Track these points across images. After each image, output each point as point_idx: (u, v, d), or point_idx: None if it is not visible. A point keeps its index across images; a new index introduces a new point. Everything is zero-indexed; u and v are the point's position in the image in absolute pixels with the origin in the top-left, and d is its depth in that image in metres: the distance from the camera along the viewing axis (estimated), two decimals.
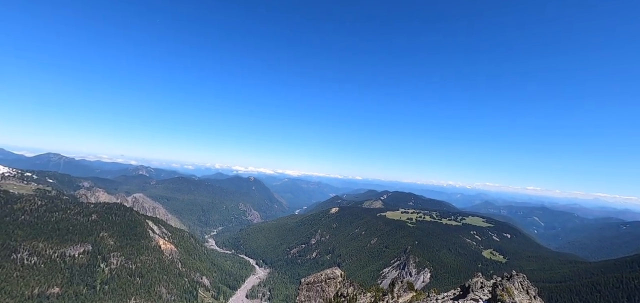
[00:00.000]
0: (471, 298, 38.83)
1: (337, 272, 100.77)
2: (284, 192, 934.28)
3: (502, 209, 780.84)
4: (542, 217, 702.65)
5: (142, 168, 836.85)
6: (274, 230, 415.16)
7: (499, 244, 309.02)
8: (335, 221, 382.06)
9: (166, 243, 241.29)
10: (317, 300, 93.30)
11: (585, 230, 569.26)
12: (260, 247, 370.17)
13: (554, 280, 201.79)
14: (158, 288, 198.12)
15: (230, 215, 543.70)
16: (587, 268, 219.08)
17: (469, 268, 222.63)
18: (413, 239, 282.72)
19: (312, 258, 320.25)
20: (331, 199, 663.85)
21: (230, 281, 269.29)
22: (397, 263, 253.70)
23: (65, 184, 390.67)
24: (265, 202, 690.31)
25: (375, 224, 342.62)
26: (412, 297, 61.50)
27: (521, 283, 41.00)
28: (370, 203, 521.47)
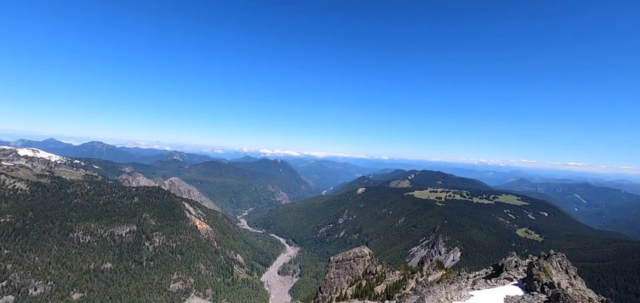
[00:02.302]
0: (505, 277, 38.45)
1: (366, 250, 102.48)
2: (311, 174, 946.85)
3: (539, 187, 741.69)
4: (584, 195, 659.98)
5: (176, 154, 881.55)
6: (302, 210, 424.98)
7: (534, 223, 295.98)
8: (362, 201, 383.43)
9: (202, 224, 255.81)
10: (346, 277, 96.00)
11: (633, 207, 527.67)
12: (290, 226, 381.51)
13: (596, 260, 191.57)
14: (197, 264, 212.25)
15: (260, 196, 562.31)
16: (634, 248, 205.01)
17: (502, 247, 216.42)
18: (442, 218, 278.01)
19: (340, 237, 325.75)
20: (357, 180, 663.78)
21: (262, 259, 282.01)
22: (425, 242, 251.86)
23: (109, 170, 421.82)
24: (292, 184, 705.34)
25: (402, 204, 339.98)
26: (442, 275, 61.69)
27: (560, 263, 39.85)
28: (397, 183, 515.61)
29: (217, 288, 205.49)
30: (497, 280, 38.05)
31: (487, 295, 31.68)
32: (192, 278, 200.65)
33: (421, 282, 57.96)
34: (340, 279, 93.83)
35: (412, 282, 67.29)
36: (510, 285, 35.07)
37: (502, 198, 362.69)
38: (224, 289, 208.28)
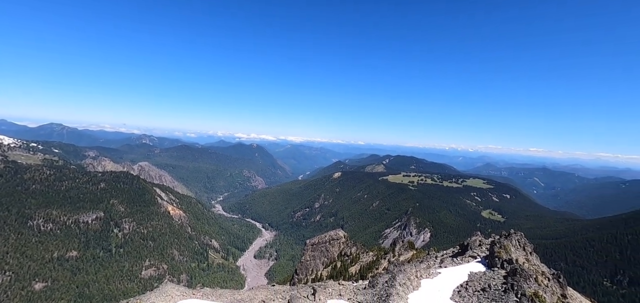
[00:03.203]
0: (470, 255, 41.17)
1: (341, 233, 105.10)
2: (287, 158, 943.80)
3: (503, 171, 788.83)
4: (543, 178, 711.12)
5: (145, 137, 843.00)
6: (279, 195, 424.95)
7: (498, 204, 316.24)
8: (338, 185, 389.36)
9: (175, 209, 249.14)
10: (321, 260, 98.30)
11: (585, 189, 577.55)
12: (266, 211, 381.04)
13: (549, 237, 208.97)
14: (170, 250, 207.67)
15: (235, 181, 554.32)
16: (583, 226, 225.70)
17: (468, 228, 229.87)
18: (414, 201, 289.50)
19: (316, 221, 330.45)
20: (334, 164, 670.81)
21: (238, 243, 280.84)
22: (398, 225, 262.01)
23: (71, 154, 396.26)
24: (268, 168, 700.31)
25: (377, 188, 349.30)
26: (413, 255, 64.84)
27: (518, 241, 43.20)
28: (373, 167, 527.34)
29: (191, 274, 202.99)
30: (462, 258, 40.69)
31: (453, 272, 33.90)
32: (165, 264, 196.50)
33: (393, 262, 60.65)
34: (316, 261, 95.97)
35: (384, 262, 70.23)
36: (474, 263, 37.68)
37: (469, 182, 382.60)
38: (199, 274, 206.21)
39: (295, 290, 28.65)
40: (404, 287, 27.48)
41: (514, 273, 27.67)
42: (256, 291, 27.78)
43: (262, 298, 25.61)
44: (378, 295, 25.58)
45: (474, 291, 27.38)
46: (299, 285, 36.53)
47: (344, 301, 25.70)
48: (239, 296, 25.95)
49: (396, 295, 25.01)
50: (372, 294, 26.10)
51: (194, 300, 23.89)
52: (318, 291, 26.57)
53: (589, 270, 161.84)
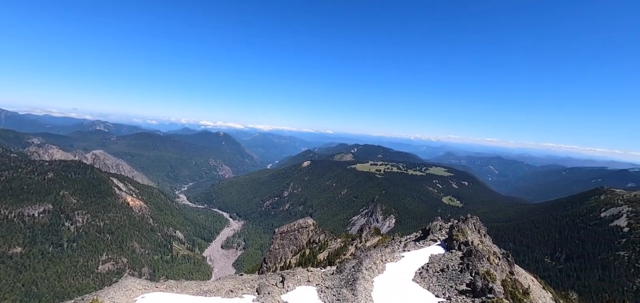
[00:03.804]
0: (431, 239, 43.63)
1: (310, 221, 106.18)
2: (255, 147, 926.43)
3: (463, 160, 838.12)
4: (497, 166, 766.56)
5: (100, 124, 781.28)
6: (247, 184, 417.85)
7: (457, 191, 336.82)
8: (307, 174, 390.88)
9: (134, 200, 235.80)
10: (290, 248, 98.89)
11: (532, 176, 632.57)
12: (234, 200, 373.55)
13: (501, 220, 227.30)
14: (130, 243, 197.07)
15: (201, 170, 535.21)
16: (529, 210, 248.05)
17: (430, 213, 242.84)
18: (381, 189, 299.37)
19: (285, 209, 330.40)
20: (303, 153, 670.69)
21: (204, 234, 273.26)
22: (365, 212, 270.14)
23: (11, 141, 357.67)
24: (236, 157, 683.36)
25: (345, 176, 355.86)
26: (379, 241, 67.38)
27: (474, 225, 46.52)
28: (341, 156, 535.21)
29: (154, 266, 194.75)
30: (424, 242, 43.03)
31: (416, 256, 35.78)
32: (125, 257, 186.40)
33: (360, 248, 62.61)
34: (285, 249, 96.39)
35: (352, 248, 72.32)
36: (434, 246, 40.05)
37: (432, 170, 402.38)
38: (162, 267, 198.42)
39: (263, 278, 28.64)
40: (370, 271, 28.57)
41: (470, 254, 29.82)
42: (223, 281, 27.40)
43: (230, 288, 25.33)
44: (345, 279, 26.36)
45: (434, 272, 29.19)
46: (267, 274, 36.56)
47: (313, 287, 26.19)
48: (206, 287, 25.45)
49: (362, 278, 25.94)
50: (340, 279, 26.85)
51: (158, 294, 23.03)
52: (287, 278, 26.80)
53: (533, 249, 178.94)
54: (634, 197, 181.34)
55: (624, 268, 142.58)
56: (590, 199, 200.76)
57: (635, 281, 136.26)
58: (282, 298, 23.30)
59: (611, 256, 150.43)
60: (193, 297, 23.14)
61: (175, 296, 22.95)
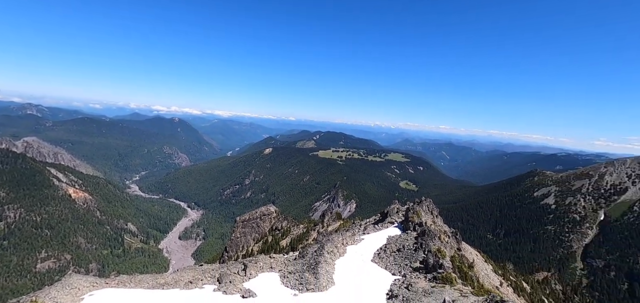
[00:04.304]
0: (388, 221, 45.93)
1: (272, 208, 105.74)
2: (214, 134, 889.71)
3: (419, 146, 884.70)
4: (449, 152, 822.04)
5: (31, 107, 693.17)
6: (206, 172, 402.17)
7: (413, 176, 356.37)
8: (269, 161, 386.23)
9: (78, 192, 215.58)
10: (252, 235, 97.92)
11: (479, 161, 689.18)
12: (192, 189, 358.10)
13: (451, 202, 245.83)
14: (74, 238, 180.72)
15: (154, 159, 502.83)
16: (475, 191, 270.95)
17: (389, 197, 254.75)
18: (342, 175, 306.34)
19: (246, 197, 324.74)
20: (265, 140, 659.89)
21: (160, 225, 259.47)
22: (327, 198, 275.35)
23: None
24: (193, 145, 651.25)
25: (308, 163, 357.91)
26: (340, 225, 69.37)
27: (427, 207, 49.77)
28: (303, 143, 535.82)
29: (103, 262, 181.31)
30: (382, 224, 45.17)
31: (374, 237, 37.51)
32: (69, 254, 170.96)
33: (322, 233, 64.01)
34: (247, 237, 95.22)
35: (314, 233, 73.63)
36: (392, 228, 42.26)
37: (390, 156, 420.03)
38: (113, 261, 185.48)
39: (225, 267, 28.18)
40: (332, 255, 29.44)
41: (423, 234, 31.98)
42: (182, 273, 26.49)
43: (189, 279, 24.58)
44: (307, 264, 26.90)
45: (391, 252, 30.91)
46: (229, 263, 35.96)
47: (275, 273, 26.37)
48: (162, 280, 24.41)
49: (324, 262, 26.68)
50: (302, 264, 27.33)
51: (108, 290, 21.61)
52: (249, 266, 26.64)
53: (477, 227, 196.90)
54: (560, 178, 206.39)
55: (550, 240, 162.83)
56: (526, 181, 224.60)
57: (559, 250, 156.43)
58: (244, 286, 23.19)
59: (541, 230, 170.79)
60: (149, 291, 22.10)
61: (129, 291, 21.74)
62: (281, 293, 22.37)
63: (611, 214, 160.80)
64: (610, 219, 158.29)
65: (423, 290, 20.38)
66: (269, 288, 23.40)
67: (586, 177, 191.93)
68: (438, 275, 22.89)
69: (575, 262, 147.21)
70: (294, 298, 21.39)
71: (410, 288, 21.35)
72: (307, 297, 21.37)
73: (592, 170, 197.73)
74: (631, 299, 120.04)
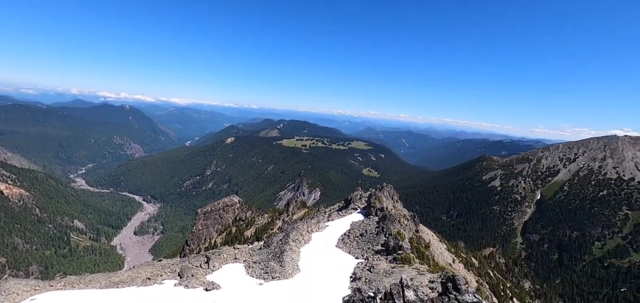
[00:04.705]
0: (352, 207, 47.28)
1: (235, 199, 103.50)
2: (171, 123, 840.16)
3: (380, 134, 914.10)
4: (408, 139, 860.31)
5: None
6: (163, 163, 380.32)
7: (375, 163, 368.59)
8: (231, 151, 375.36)
9: (11, 188, 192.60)
10: (215, 227, 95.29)
11: (435, 148, 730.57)
12: (147, 182, 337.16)
13: (410, 187, 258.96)
14: (9, 239, 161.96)
15: (103, 150, 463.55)
16: (432, 176, 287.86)
17: (352, 184, 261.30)
18: (306, 164, 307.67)
19: (208, 189, 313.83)
20: (226, 129, 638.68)
21: (112, 221, 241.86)
22: (292, 186, 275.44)
23: None
24: (147, 134, 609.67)
25: (271, 152, 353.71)
26: (305, 213, 69.99)
27: (388, 192, 51.93)
28: (267, 132, 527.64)
29: (46, 263, 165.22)
30: (346, 211, 46.40)
31: (339, 224, 38.46)
32: (3, 257, 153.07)
33: (287, 221, 64.13)
34: (209, 229, 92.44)
35: (279, 223, 73.52)
36: (355, 213, 43.58)
37: (353, 144, 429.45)
38: (58, 262, 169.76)
39: (186, 261, 27.25)
40: (297, 242, 29.73)
41: (384, 219, 33.43)
42: (139, 269, 25.14)
43: (147, 275, 23.42)
44: (273, 253, 26.91)
45: (355, 237, 31.97)
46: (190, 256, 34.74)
47: (240, 264, 26.05)
48: (117, 278, 22.98)
49: (289, 250, 26.88)
50: (268, 253, 27.28)
51: (53, 293, 19.85)
52: (212, 258, 26.02)
53: (433, 209, 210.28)
54: (505, 162, 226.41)
55: (496, 219, 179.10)
56: (476, 166, 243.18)
57: (503, 228, 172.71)
58: (208, 279, 22.65)
59: (488, 210, 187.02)
60: (102, 291, 20.69)
61: (78, 293, 20.17)
62: (246, 284, 22.22)
63: (546, 194, 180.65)
64: (545, 198, 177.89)
65: (384, 271, 21.46)
66: (234, 279, 23.11)
67: (526, 161, 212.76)
68: (398, 256, 24.20)
69: (516, 237, 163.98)
70: (259, 287, 21.38)
71: (372, 270, 22.35)
72: (273, 286, 21.47)
73: (531, 155, 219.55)
74: (560, 267, 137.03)
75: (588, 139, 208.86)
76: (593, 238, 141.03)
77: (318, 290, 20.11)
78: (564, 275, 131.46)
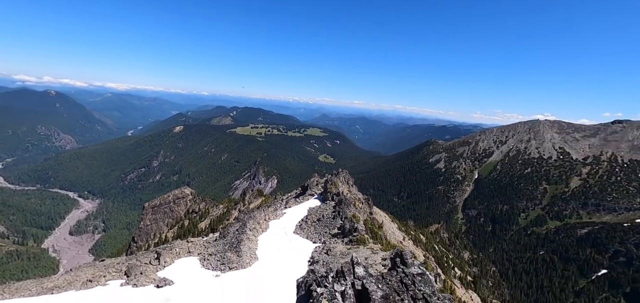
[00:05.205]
0: (309, 194, 47.89)
1: (187, 190, 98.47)
2: (109, 110, 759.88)
3: (335, 121, 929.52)
4: (362, 126, 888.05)
5: None
6: (100, 155, 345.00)
7: (331, 149, 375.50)
8: (180, 140, 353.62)
9: None
10: (165, 221, 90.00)
11: (387, 133, 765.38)
12: (83, 176, 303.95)
13: (364, 172, 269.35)
14: None
15: (24, 141, 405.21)
16: (384, 161, 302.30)
17: (309, 171, 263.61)
18: (262, 152, 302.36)
19: (155, 181, 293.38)
20: (174, 117, 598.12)
21: (41, 221, 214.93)
22: (247, 175, 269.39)
23: None
24: (80, 123, 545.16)
25: (225, 140, 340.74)
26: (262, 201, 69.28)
27: (344, 177, 53.47)
28: (219, 120, 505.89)
29: None
30: (303, 197, 46.89)
31: (296, 210, 38.80)
32: None
33: (243, 211, 62.94)
34: (159, 224, 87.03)
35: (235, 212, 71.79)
36: (312, 199, 44.26)
37: (309, 131, 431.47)
38: None
39: (134, 258, 25.51)
40: (254, 231, 29.44)
41: (340, 203, 34.49)
42: (78, 272, 22.95)
43: (88, 277, 21.49)
44: (229, 243, 26.37)
45: (312, 222, 32.58)
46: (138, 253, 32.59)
47: (195, 257, 25.14)
48: (51, 283, 20.73)
49: (247, 239, 26.54)
50: (224, 244, 26.66)
51: None
52: (163, 254, 24.71)
53: (386, 192, 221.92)
54: (448, 146, 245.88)
55: (440, 198, 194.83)
56: (423, 150, 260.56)
57: (446, 205, 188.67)
58: (159, 275, 21.51)
59: (434, 190, 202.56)
60: (33, 299, 18.54)
61: None
62: (202, 277, 21.56)
63: (482, 173, 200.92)
64: (481, 177, 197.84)
65: (340, 253, 22.32)
66: (188, 273, 22.27)
67: (466, 144, 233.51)
68: (353, 238, 25.29)
69: (458, 213, 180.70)
70: (216, 279, 20.89)
71: (330, 252, 23.11)
72: (230, 276, 21.14)
73: (471, 139, 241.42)
74: (493, 237, 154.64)
75: (516, 123, 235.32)
76: (519, 210, 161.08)
77: (276, 276, 20.28)
78: (496, 244, 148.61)
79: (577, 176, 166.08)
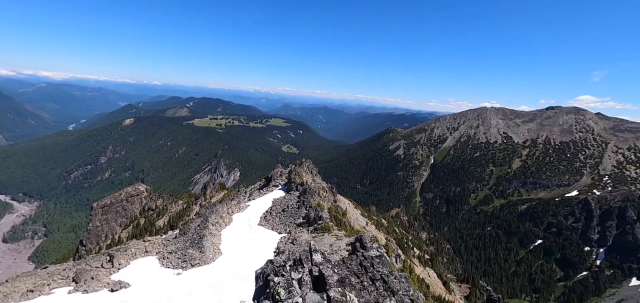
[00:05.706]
0: (273, 185, 47.52)
1: (141, 187, 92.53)
2: (44, 102, 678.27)
3: (298, 110, 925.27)
4: (324, 115, 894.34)
5: None
6: (37, 152, 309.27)
7: (294, 139, 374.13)
8: (131, 134, 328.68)
9: None
10: (118, 221, 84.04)
11: (349, 122, 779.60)
12: (16, 176, 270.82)
13: (328, 161, 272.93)
14: None
15: None
16: (348, 149, 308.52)
17: (272, 162, 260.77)
18: (223, 144, 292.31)
19: (104, 179, 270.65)
20: (123, 108, 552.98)
21: None
22: (208, 168, 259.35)
23: None
24: (9, 117, 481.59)
25: (182, 133, 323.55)
26: (224, 195, 67.38)
27: (308, 167, 53.72)
28: (175, 111, 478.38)
29: None
30: (267, 189, 46.42)
31: (261, 202, 38.36)
32: None
33: (204, 205, 60.73)
34: (111, 224, 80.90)
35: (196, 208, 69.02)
36: (276, 190, 44.00)
37: (272, 121, 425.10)
38: None
39: (82, 263, 23.60)
40: (217, 225, 28.65)
41: (304, 192, 34.72)
42: (15, 282, 20.71)
43: (28, 287, 19.49)
44: (191, 239, 25.44)
45: (277, 213, 32.48)
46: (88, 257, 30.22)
47: (153, 256, 23.89)
48: None
49: (209, 234, 25.78)
50: (184, 241, 25.66)
51: None
52: (117, 256, 23.12)
53: (349, 180, 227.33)
54: (407, 133, 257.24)
55: (400, 183, 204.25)
56: (384, 138, 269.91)
57: (406, 190, 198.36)
58: (113, 279, 20.15)
59: (394, 176, 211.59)
60: None
61: None
62: (162, 276, 20.61)
63: (437, 158, 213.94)
64: (437, 162, 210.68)
65: (306, 242, 22.60)
66: (146, 274, 21.14)
67: (423, 131, 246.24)
68: (318, 226, 25.72)
69: (416, 197, 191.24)
70: (177, 277, 20.11)
71: (295, 242, 23.30)
72: (193, 273, 20.47)
73: (427, 126, 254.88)
74: (447, 217, 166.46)
75: (467, 111, 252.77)
76: (470, 191, 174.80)
77: (240, 270, 20.03)
78: (450, 223, 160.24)
79: (518, 158, 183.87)
